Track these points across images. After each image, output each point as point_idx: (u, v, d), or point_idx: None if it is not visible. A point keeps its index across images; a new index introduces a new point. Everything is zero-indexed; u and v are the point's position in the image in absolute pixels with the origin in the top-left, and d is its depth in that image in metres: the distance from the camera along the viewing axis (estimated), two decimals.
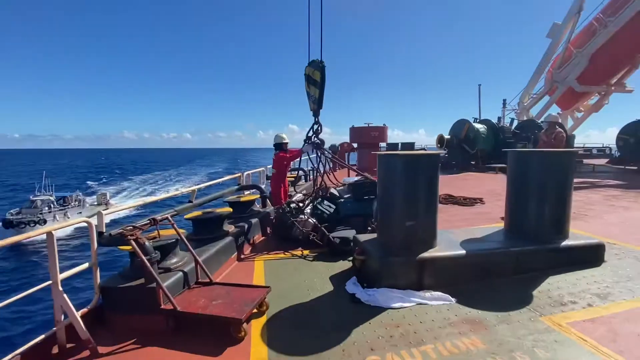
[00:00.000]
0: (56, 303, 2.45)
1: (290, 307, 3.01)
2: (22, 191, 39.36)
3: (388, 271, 3.10)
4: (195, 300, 2.85)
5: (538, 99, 22.31)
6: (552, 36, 20.27)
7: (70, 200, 28.81)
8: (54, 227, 2.47)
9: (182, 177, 58.77)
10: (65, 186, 46.40)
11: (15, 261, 19.24)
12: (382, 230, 3.48)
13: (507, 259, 3.36)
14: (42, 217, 24.26)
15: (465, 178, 12.10)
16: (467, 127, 15.12)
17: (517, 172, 3.84)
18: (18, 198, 34.90)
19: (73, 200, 29.11)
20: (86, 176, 63.57)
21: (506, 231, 3.92)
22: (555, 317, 2.65)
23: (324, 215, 5.19)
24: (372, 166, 12.66)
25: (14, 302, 2.29)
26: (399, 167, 3.21)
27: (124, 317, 2.79)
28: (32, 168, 75.98)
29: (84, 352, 2.46)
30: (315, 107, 5.40)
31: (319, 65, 5.08)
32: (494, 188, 9.37)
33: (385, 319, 2.73)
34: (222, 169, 72.63)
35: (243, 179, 6.87)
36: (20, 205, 27.59)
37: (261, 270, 3.98)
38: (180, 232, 3.21)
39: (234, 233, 4.36)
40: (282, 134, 6.33)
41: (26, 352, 2.32)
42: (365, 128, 12.42)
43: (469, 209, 6.91)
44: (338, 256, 4.23)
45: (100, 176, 61.70)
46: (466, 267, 3.24)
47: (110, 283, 2.85)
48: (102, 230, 2.82)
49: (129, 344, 2.55)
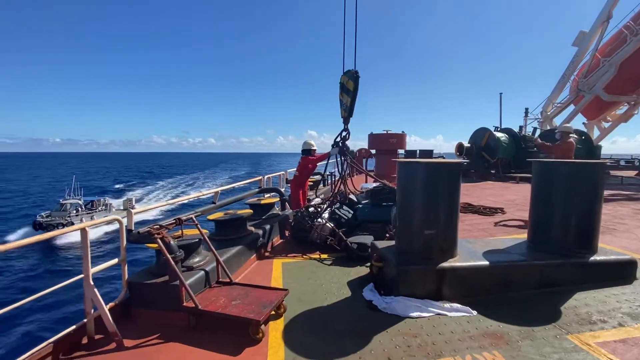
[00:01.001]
0: (87, 296, 2.57)
1: (308, 311, 3.03)
2: (54, 191, 41.19)
3: (406, 280, 3.07)
4: (215, 299, 2.92)
5: (562, 108, 21.59)
6: (578, 44, 19.63)
7: (97, 205, 29.99)
8: (88, 223, 2.60)
9: (208, 180, 60.76)
10: (97, 188, 48.61)
11: (47, 258, 20.30)
12: (400, 238, 3.45)
13: (531, 272, 3.27)
14: (70, 220, 25.38)
15: (485, 187, 11.84)
16: (487, 135, 14.82)
17: (543, 183, 3.74)
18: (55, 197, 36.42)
19: (100, 205, 30.26)
20: (116, 179, 66.35)
21: (529, 243, 3.81)
22: (583, 336, 2.55)
23: (341, 220, 5.21)
24: (390, 172, 12.58)
25: (47, 294, 2.42)
26: (420, 174, 3.19)
27: (149, 311, 2.89)
28: (69, 170, 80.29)
29: (111, 344, 2.56)
30: (345, 115, 5.59)
31: (354, 75, 5.27)
32: (514, 198, 9.13)
33: (402, 328, 2.71)
34: (244, 173, 74.83)
35: (263, 182, 6.99)
36: (51, 206, 28.99)
37: (279, 272, 4.03)
38: (203, 232, 3.30)
39: (254, 234, 4.44)
40: (310, 141, 6.47)
41: (58, 341, 2.44)
42: (384, 135, 12.38)
43: (489, 218, 6.75)
44: (355, 261, 4.23)
45: (130, 179, 64.10)
46: (487, 278, 3.17)
47: (136, 278, 2.96)
48: (131, 228, 2.95)
49: (152, 339, 2.64)
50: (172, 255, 2.77)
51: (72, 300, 12.80)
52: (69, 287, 2.61)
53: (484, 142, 14.82)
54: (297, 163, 6.57)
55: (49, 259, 20.37)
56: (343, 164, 5.94)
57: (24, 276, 17.47)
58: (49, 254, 20.98)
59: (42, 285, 2.43)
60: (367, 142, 15.13)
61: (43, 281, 16.76)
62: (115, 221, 2.89)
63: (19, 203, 39.52)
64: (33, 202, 40.22)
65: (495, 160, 14.48)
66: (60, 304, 12.90)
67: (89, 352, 2.50)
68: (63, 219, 25.28)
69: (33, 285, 15.99)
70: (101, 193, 43.93)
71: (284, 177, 8.70)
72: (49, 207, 30.25)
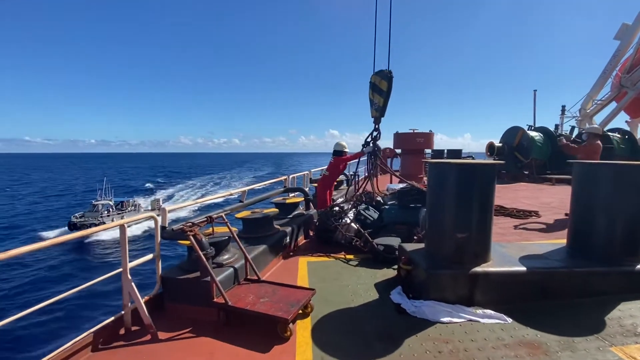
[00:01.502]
0: (125, 289, 2.70)
1: (335, 312, 3.01)
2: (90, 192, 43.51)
3: (436, 284, 2.98)
4: (244, 296, 2.97)
5: (603, 105, 20.24)
6: (621, 37, 18.34)
7: (127, 205, 31.42)
8: (127, 220, 2.72)
9: (234, 180, 62.58)
10: (128, 188, 51.15)
11: (83, 255, 21.71)
12: (430, 241, 3.36)
13: (572, 280, 3.08)
14: (102, 220, 26.64)
15: (518, 188, 11.32)
16: (520, 134, 14.14)
17: (584, 186, 3.51)
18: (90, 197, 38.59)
19: (130, 205, 31.67)
20: (146, 179, 69.09)
21: (569, 249, 3.60)
22: (628, 349, 2.38)
23: (366, 221, 5.16)
24: (416, 173, 12.30)
25: (88, 288, 2.57)
26: (453, 176, 3.09)
27: (180, 306, 2.99)
28: (104, 171, 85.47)
29: (146, 336, 2.67)
30: (377, 115, 5.58)
31: (387, 75, 5.22)
32: (550, 201, 8.67)
33: (432, 333, 2.64)
34: (267, 173, 76.51)
35: (288, 181, 7.06)
36: (84, 207, 30.76)
37: (305, 271, 4.04)
38: (233, 230, 3.37)
39: (280, 233, 4.49)
40: (343, 142, 6.44)
41: (98, 331, 2.57)
42: (410, 134, 12.12)
43: (523, 222, 6.45)
44: (382, 263, 4.17)
45: (159, 180, 66.74)
46: (524, 285, 3.02)
47: (169, 274, 3.07)
48: (165, 225, 3.06)
49: (184, 332, 2.73)
50: (204, 252, 2.85)
51: (109, 293, 13.57)
52: (106, 281, 2.75)
53: (517, 142, 14.16)
54: (327, 163, 6.58)
55: (85, 256, 21.63)
56: (372, 164, 5.92)
57: (61, 273, 18.66)
58: (84, 251, 22.24)
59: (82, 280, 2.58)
60: (391, 141, 14.90)
61: (83, 275, 17.98)
62: (150, 218, 3.01)
63: (60, 202, 42.05)
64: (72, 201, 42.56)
65: (528, 160, 13.82)
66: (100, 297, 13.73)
67: (127, 342, 2.62)
68: (95, 220, 26.58)
69: (73, 280, 17.11)
70: (132, 192, 46.11)
71: (307, 177, 8.74)
72: (84, 207, 31.96)
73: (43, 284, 17.00)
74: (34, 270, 18.71)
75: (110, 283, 14.74)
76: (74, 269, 19.29)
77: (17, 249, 1.93)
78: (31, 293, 15.64)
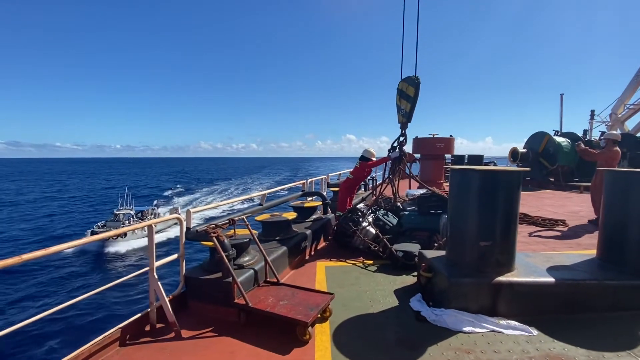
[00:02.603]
0: (151, 287, 2.80)
1: (354, 317, 3.01)
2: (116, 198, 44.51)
3: (458, 292, 2.92)
4: (264, 298, 3.01)
5: (636, 110, 19.28)
6: None
7: (147, 214, 32.07)
8: (155, 221, 2.84)
9: (255, 184, 63.63)
10: (150, 193, 52.53)
11: (106, 263, 22.51)
12: (452, 248, 3.30)
13: (602, 293, 2.94)
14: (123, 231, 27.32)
15: (543, 196, 10.93)
16: (546, 140, 13.66)
17: (617, 195, 3.37)
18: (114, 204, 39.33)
19: (149, 214, 32.34)
20: (166, 185, 70.09)
21: (599, 260, 3.45)
22: None
23: (385, 227, 5.12)
24: (435, 178, 12.07)
25: (116, 286, 2.68)
26: (476, 182, 3.03)
27: (203, 305, 3.07)
28: (129, 177, 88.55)
29: (170, 333, 2.76)
30: (404, 120, 5.66)
31: (415, 81, 5.30)
32: (577, 210, 8.32)
33: (454, 342, 2.59)
34: (285, 177, 77.62)
35: (307, 185, 7.11)
36: (106, 215, 31.66)
37: (323, 275, 4.05)
38: (253, 233, 3.43)
39: (298, 236, 4.53)
40: (372, 150, 6.48)
41: (125, 327, 2.68)
42: (430, 139, 11.93)
43: (549, 231, 6.22)
44: (401, 270, 4.13)
45: (178, 186, 67.79)
46: (550, 297, 2.92)
47: (193, 274, 3.16)
48: (189, 226, 3.15)
49: (207, 331, 2.79)
50: (226, 254, 2.92)
51: (135, 292, 14.15)
52: (133, 281, 2.86)
53: (542, 148, 13.68)
54: (344, 167, 6.64)
55: (107, 264, 22.34)
56: (395, 169, 5.94)
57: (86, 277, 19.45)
58: (105, 261, 22.93)
59: (110, 280, 2.70)
60: (411, 146, 14.70)
61: (110, 273, 18.73)
62: (176, 220, 3.12)
63: (83, 209, 42.94)
64: (96, 208, 43.31)
65: (554, 167, 13.31)
66: (127, 295, 14.34)
67: (152, 339, 2.72)
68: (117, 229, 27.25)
69: (102, 282, 18.00)
70: (156, 196, 47.11)
71: (325, 181, 8.78)
72: (106, 216, 32.64)
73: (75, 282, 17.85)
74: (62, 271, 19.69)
75: (134, 285, 15.22)
76: (100, 272, 20.20)
77: (46, 249, 2.02)
78: (60, 293, 16.45)
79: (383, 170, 6.84)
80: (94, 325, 12.42)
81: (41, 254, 1.98)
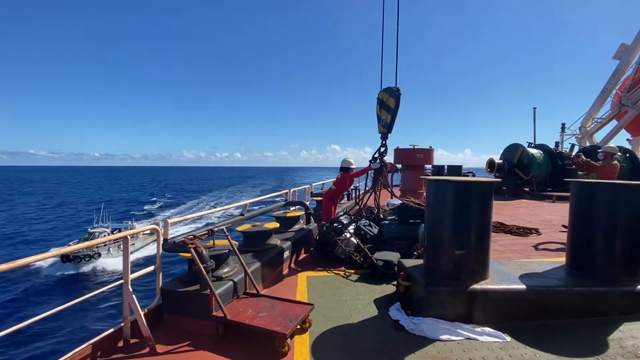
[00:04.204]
0: (125, 300, 2.71)
1: (333, 327, 3.01)
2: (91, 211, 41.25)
3: (435, 301, 2.98)
4: (243, 310, 2.97)
5: (604, 123, 20.45)
6: (620, 57, 18.72)
7: None
8: (130, 232, 2.77)
9: (241, 195, 62.50)
10: (128, 206, 50.28)
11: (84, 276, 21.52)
12: (429, 257, 3.37)
13: (571, 299, 3.07)
14: (97, 251, 24.24)
15: (518, 205, 11.32)
16: (520, 151, 14.25)
17: (583, 205, 3.54)
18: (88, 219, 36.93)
19: None
20: (145, 198, 65.64)
21: (568, 268, 3.60)
22: None
23: (366, 237, 5.17)
24: (416, 188, 12.31)
25: (88, 299, 2.58)
26: (451, 192, 3.13)
27: (180, 318, 2.99)
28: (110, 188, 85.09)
29: (145, 349, 2.67)
30: (384, 131, 5.71)
31: (395, 93, 5.37)
32: (550, 218, 8.66)
33: (431, 350, 2.63)
34: (270, 187, 76.72)
35: (289, 195, 7.10)
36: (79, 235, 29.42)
37: (304, 286, 4.04)
38: (233, 244, 3.40)
39: (280, 247, 4.50)
40: (350, 159, 6.55)
41: (97, 343, 2.58)
42: (410, 150, 12.21)
43: (523, 239, 6.44)
44: (381, 279, 4.17)
45: (153, 198, 63.87)
46: (522, 303, 3.02)
47: (169, 286, 3.08)
48: (166, 237, 3.09)
49: (183, 345, 2.72)
50: (204, 265, 2.87)
51: (109, 307, 13.50)
52: (107, 295, 2.76)
53: (517, 159, 14.25)
54: (329, 177, 6.70)
55: (80, 282, 21.09)
56: (377, 179, 6.00)
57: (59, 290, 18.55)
58: (79, 280, 21.52)
59: (83, 293, 2.59)
60: (392, 156, 14.97)
61: (83, 292, 17.98)
62: (153, 231, 3.05)
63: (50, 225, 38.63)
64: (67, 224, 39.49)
65: (529, 177, 13.86)
66: (100, 310, 13.62)
67: (125, 355, 2.62)
68: (90, 250, 23.72)
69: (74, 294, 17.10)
70: (132, 209, 44.84)
71: (309, 190, 8.79)
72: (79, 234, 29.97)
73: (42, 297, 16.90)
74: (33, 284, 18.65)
75: (113, 297, 14.45)
76: (70, 291, 19.10)
77: (23, 259, 1.97)
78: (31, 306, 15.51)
79: (365, 180, 6.92)
80: (63, 343, 11.72)
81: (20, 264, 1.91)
